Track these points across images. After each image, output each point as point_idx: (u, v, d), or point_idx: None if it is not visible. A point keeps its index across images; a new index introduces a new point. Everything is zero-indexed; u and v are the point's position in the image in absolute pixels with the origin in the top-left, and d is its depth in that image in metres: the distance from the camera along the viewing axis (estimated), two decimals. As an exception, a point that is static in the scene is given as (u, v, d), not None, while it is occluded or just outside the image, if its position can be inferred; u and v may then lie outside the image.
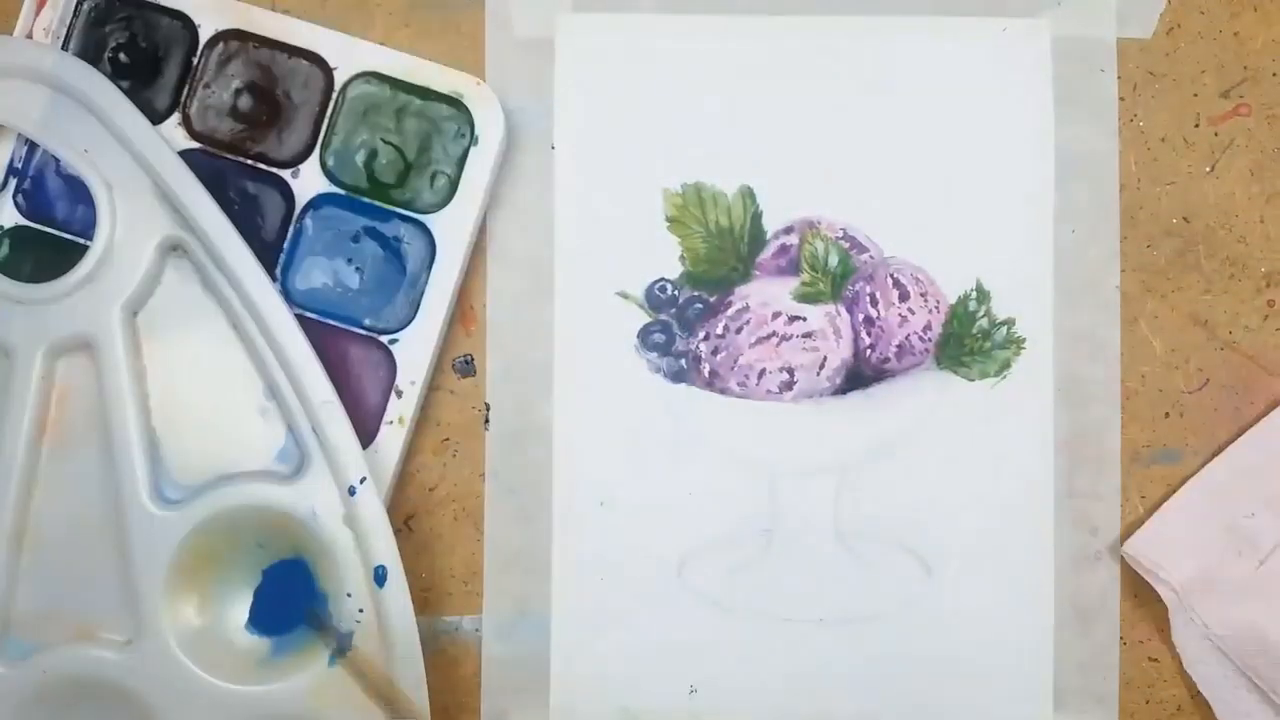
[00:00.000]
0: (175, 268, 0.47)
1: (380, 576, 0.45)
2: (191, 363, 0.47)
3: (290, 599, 0.47)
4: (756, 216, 0.48)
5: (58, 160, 0.47)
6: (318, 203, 0.47)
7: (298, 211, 0.47)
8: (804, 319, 0.48)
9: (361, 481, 0.45)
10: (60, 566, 0.46)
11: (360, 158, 0.47)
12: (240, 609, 0.47)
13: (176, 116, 0.47)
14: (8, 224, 0.47)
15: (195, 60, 0.47)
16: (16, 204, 0.47)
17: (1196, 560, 0.47)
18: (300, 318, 0.46)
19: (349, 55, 0.47)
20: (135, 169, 0.46)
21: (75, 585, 0.46)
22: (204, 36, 0.47)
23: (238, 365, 0.46)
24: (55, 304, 0.46)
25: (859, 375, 0.48)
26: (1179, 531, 0.47)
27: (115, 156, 0.46)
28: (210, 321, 0.47)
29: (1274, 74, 0.48)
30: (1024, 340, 0.48)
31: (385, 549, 0.45)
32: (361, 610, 0.45)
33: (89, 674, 0.45)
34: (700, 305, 0.48)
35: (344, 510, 0.45)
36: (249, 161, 0.47)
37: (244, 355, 0.46)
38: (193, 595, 0.46)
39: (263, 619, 0.47)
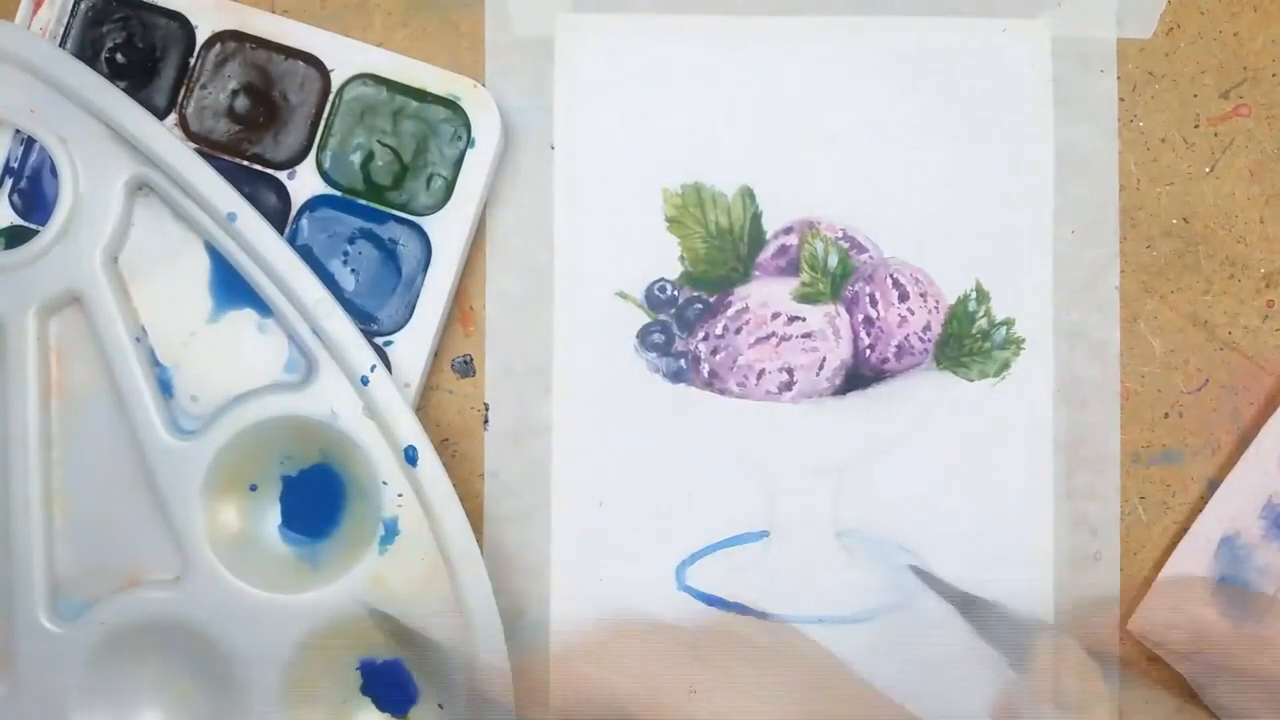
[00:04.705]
0: (145, 207, 0.46)
1: (411, 456, 0.45)
2: (181, 295, 0.46)
3: (326, 500, 0.47)
4: (756, 216, 0.48)
5: (54, 161, 0.46)
6: (313, 204, 0.47)
7: (294, 213, 0.47)
8: (803, 319, 0.48)
9: (372, 369, 0.45)
10: (95, 519, 0.46)
11: (356, 160, 0.47)
12: (279, 521, 0.47)
13: (173, 117, 0.47)
14: (3, 224, 0.47)
15: (192, 61, 0.47)
16: (12, 203, 0.47)
17: (1200, 625, 0.47)
18: (298, 319, 0.46)
19: (346, 57, 0.47)
20: (85, 117, 0.45)
21: (113, 534, 0.46)
22: (201, 37, 0.47)
23: None
24: (35, 264, 0.45)
25: (858, 376, 0.48)
26: (1176, 600, 0.47)
27: (62, 109, 0.45)
28: (191, 250, 0.46)
29: (1274, 74, 0.48)
30: (1024, 340, 0.48)
31: (410, 429, 0.45)
32: (400, 495, 0.45)
33: (146, 617, 0.45)
34: (700, 305, 0.48)
35: (362, 402, 0.45)
36: (245, 163, 0.47)
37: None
38: (231, 517, 0.46)
39: (303, 526, 0.47)
